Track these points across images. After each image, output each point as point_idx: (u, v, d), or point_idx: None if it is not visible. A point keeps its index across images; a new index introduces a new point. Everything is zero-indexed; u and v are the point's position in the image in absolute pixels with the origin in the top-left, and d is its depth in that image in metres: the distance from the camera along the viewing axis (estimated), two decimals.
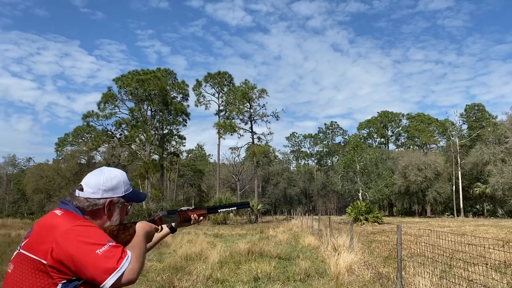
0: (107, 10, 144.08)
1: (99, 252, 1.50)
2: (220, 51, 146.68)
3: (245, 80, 54.23)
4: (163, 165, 51.52)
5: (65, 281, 1.53)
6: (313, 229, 21.74)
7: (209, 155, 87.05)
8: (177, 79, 53.17)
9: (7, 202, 77.01)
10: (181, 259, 11.85)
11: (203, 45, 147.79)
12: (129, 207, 1.92)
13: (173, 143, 54.21)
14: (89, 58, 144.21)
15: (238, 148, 56.95)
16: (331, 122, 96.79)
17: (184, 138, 54.18)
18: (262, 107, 52.81)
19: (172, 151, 54.40)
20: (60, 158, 69.14)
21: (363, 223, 32.53)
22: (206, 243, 16.10)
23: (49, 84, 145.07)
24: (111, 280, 1.49)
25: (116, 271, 1.50)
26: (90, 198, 1.76)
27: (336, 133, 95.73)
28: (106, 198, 1.79)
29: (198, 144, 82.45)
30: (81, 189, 1.77)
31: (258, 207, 46.75)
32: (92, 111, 48.09)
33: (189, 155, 74.31)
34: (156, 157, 50.36)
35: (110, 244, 1.56)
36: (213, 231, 26.67)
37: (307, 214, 40.19)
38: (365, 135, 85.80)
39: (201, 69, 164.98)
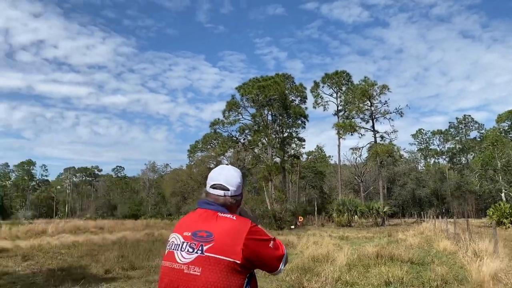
0: (228, 23, 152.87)
1: (271, 246, 1.84)
2: (337, 51, 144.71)
3: (364, 77, 52.48)
4: (285, 168, 52.49)
5: (248, 274, 1.80)
6: (448, 233, 20.04)
7: (329, 156, 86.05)
8: (294, 83, 53.80)
9: (149, 205, 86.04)
10: (308, 260, 11.92)
11: (319, 46, 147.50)
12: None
13: (293, 145, 54.97)
14: (214, 70, 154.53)
15: (359, 148, 55.42)
16: (464, 115, 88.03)
17: (304, 140, 54.57)
18: (384, 104, 50.62)
19: (293, 153, 55.15)
20: (192, 163, 75.00)
21: (508, 227, 29.00)
22: (332, 245, 15.94)
23: (180, 97, 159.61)
24: (282, 265, 1.88)
25: (284, 257, 1.89)
26: (234, 195, 1.97)
27: (471, 127, 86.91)
28: (241, 193, 2.03)
29: (317, 146, 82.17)
30: (224, 189, 1.95)
31: (384, 209, 44.77)
32: (218, 119, 51.29)
33: (309, 157, 74.50)
34: (278, 159, 51.59)
35: (271, 237, 1.88)
36: (338, 233, 26.36)
37: (440, 217, 37.23)
38: (506, 128, 76.39)
39: (318, 71, 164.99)
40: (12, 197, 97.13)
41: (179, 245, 1.83)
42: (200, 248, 1.75)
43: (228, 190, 1.94)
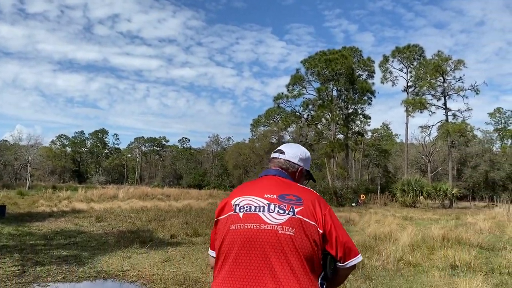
0: None
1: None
2: (411, 23, 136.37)
3: (438, 51, 49.33)
4: (348, 145, 51.45)
5: (322, 255, 1.82)
6: None
7: (396, 134, 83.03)
8: (362, 56, 51.86)
9: (212, 176, 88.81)
10: (369, 238, 11.75)
11: (392, 19, 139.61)
12: (305, 182, 2.18)
13: (358, 122, 53.35)
14: (280, 44, 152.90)
15: (429, 126, 52.79)
16: None
17: (369, 117, 52.80)
18: (458, 80, 47.47)
19: (357, 130, 53.75)
20: (254, 137, 75.97)
21: None
22: (395, 224, 15.53)
23: (246, 71, 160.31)
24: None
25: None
26: (289, 160, 2.05)
27: None
28: (300, 165, 2.07)
29: (383, 123, 79.57)
30: (282, 153, 2.07)
31: (453, 191, 42.66)
32: (282, 93, 50.92)
33: (374, 135, 72.34)
34: (341, 136, 50.65)
35: None
36: (401, 213, 25.66)
37: None
38: None
39: (390, 44, 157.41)
40: (87, 163, 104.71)
41: (263, 206, 1.82)
42: (291, 210, 1.79)
43: (284, 153, 2.06)
